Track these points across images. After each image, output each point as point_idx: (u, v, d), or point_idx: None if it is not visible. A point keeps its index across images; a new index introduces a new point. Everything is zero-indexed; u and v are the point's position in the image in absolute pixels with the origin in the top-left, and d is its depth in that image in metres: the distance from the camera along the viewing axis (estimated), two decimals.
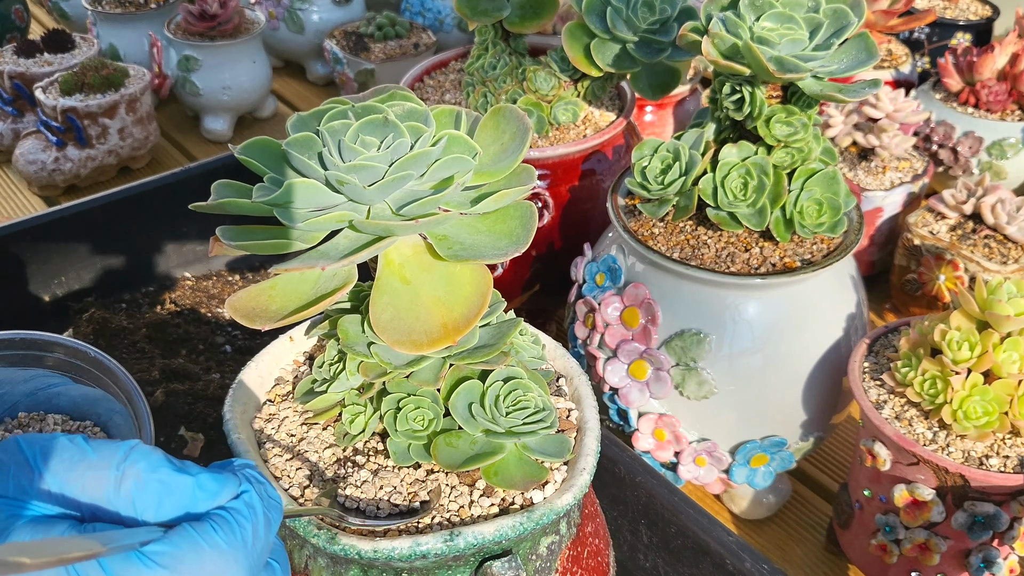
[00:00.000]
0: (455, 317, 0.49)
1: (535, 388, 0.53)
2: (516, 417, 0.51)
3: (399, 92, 0.51)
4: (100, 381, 0.68)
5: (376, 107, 0.49)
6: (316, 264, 0.46)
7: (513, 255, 0.48)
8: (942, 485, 0.67)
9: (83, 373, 0.68)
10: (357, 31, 1.53)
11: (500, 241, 0.49)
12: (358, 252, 0.47)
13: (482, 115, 0.53)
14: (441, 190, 0.47)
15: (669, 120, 1.28)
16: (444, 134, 0.48)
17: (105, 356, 0.67)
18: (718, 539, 0.66)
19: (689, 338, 0.74)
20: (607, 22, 0.84)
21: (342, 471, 0.53)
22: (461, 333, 0.48)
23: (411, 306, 0.49)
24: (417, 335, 0.48)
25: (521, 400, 0.52)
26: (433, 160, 0.47)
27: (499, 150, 0.52)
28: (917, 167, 1.11)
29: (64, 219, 1.01)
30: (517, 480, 0.51)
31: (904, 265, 1.05)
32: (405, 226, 0.46)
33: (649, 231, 0.77)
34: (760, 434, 0.78)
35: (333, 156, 0.47)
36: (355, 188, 0.46)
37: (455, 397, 0.52)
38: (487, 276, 0.50)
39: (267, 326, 0.49)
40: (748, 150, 0.74)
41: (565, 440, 0.53)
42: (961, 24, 1.45)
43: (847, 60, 0.71)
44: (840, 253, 0.74)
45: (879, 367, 0.74)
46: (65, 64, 1.38)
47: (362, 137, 0.47)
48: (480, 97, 0.95)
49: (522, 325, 0.56)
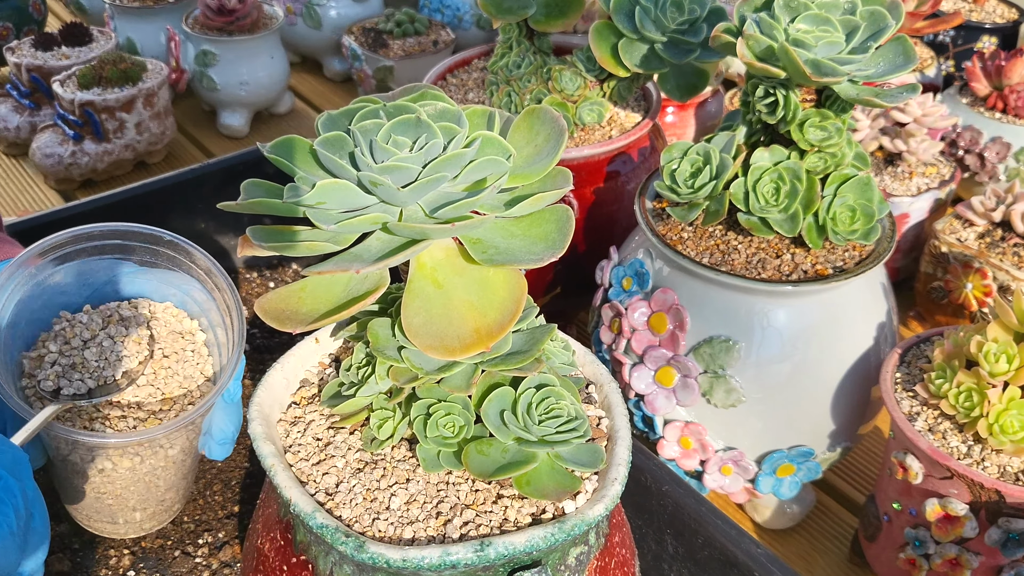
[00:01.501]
0: (488, 322, 0.47)
1: (567, 396, 0.52)
2: (549, 426, 0.50)
3: (430, 91, 0.50)
4: (179, 263, 0.70)
5: (408, 107, 0.47)
6: (351, 267, 0.45)
7: (549, 260, 0.47)
8: (976, 500, 0.66)
9: (160, 256, 0.69)
10: (376, 27, 1.52)
11: (536, 245, 0.48)
12: (392, 255, 0.46)
13: (513, 116, 0.51)
14: (475, 192, 0.46)
15: (691, 121, 1.27)
16: (478, 135, 0.47)
17: (180, 238, 0.68)
18: (746, 551, 0.65)
19: (718, 345, 0.73)
20: (635, 22, 0.83)
21: (368, 476, 0.52)
22: (495, 339, 0.47)
23: (444, 311, 0.48)
24: (450, 340, 0.47)
25: (554, 408, 0.51)
26: (468, 162, 0.46)
27: (533, 152, 0.50)
28: (944, 173, 1.10)
29: (82, 214, 1.00)
30: (550, 490, 0.50)
31: (930, 272, 1.04)
32: (441, 229, 0.45)
33: (678, 235, 0.76)
34: (787, 443, 0.76)
35: (365, 156, 0.46)
36: (388, 190, 0.45)
37: (487, 404, 0.50)
38: (522, 281, 0.48)
39: (298, 329, 0.48)
40: (780, 154, 0.73)
41: (598, 450, 0.52)
42: (987, 27, 1.43)
43: (884, 64, 0.69)
44: (873, 261, 0.73)
45: (911, 378, 0.72)
46: (83, 58, 1.37)
47: (394, 137, 0.46)
48: (504, 96, 0.94)
49: (554, 331, 0.55)
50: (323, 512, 0.49)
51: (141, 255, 0.69)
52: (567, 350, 0.57)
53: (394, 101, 0.49)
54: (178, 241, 0.68)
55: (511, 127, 0.51)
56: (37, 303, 0.66)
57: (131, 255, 0.69)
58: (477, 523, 0.49)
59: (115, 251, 0.68)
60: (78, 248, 0.67)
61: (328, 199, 0.46)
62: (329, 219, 0.46)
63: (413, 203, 0.46)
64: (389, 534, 0.49)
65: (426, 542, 0.48)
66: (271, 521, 0.56)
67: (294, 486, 0.51)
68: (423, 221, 0.46)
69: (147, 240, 0.68)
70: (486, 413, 0.50)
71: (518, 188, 0.49)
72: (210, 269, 0.68)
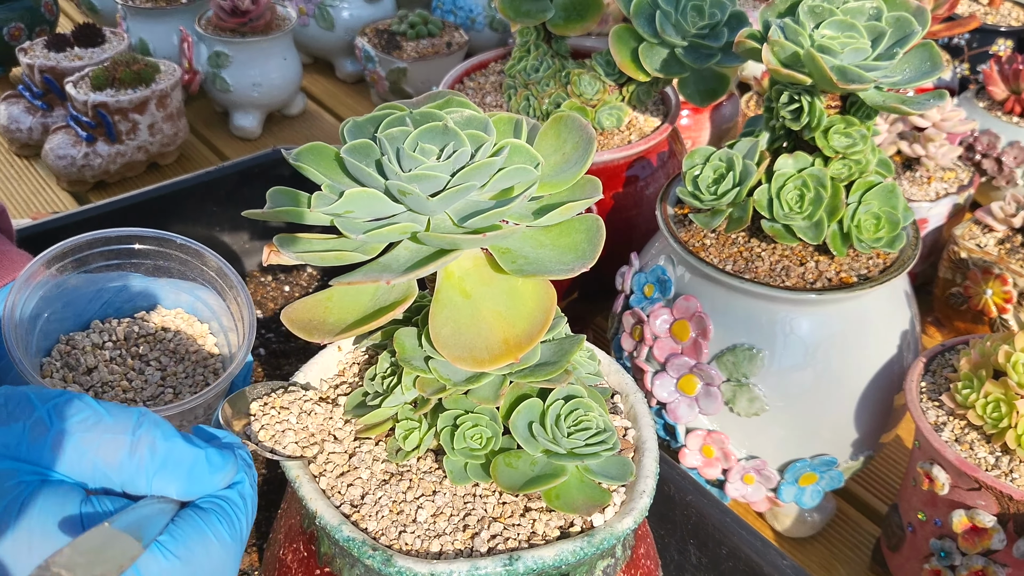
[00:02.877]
0: (517, 333, 0.47)
1: (596, 408, 0.51)
2: (578, 438, 0.50)
3: (455, 98, 0.50)
4: (190, 266, 0.70)
5: (435, 114, 0.47)
6: (380, 278, 0.45)
7: (580, 270, 0.46)
8: (1004, 512, 0.65)
9: (171, 260, 0.69)
10: (389, 29, 1.51)
11: (565, 256, 0.47)
12: (422, 266, 0.45)
13: (539, 123, 0.51)
14: (505, 202, 0.46)
15: (706, 124, 1.26)
16: (506, 143, 0.46)
17: (191, 241, 0.68)
18: (772, 563, 0.64)
19: (741, 353, 0.73)
20: (656, 26, 0.83)
21: (394, 488, 0.51)
22: (524, 350, 0.46)
23: (472, 321, 0.47)
24: (478, 351, 0.47)
25: (583, 420, 0.50)
26: (496, 170, 0.45)
27: (561, 160, 0.50)
28: (963, 178, 1.09)
29: (97, 217, 0.99)
30: (579, 504, 0.49)
31: (949, 278, 1.03)
32: (471, 239, 0.44)
33: (700, 242, 0.75)
34: (810, 452, 0.76)
35: (392, 164, 0.45)
36: (417, 199, 0.44)
37: (515, 416, 0.50)
38: (551, 291, 0.48)
39: (326, 340, 0.48)
40: (804, 161, 0.72)
41: (627, 462, 0.51)
42: (1003, 30, 1.42)
43: (910, 71, 0.68)
44: (897, 269, 0.72)
45: (937, 387, 0.72)
46: (95, 59, 1.37)
47: (421, 145, 0.45)
48: (522, 100, 0.93)
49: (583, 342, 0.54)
50: (349, 525, 0.49)
51: (154, 259, 0.69)
52: (593, 360, 0.56)
53: (419, 108, 0.48)
54: (189, 244, 0.68)
55: (538, 135, 0.50)
56: (57, 304, 0.65)
57: (142, 259, 0.69)
58: (505, 536, 0.49)
59: (126, 255, 0.68)
60: (89, 253, 0.66)
61: (356, 208, 0.46)
62: (357, 228, 0.45)
63: (441, 212, 0.46)
64: (416, 547, 0.48)
65: (453, 556, 0.48)
66: (294, 532, 0.55)
67: (319, 498, 0.50)
68: (452, 231, 0.46)
69: (158, 243, 0.68)
70: (514, 425, 0.50)
71: (545, 197, 0.49)
72: (221, 270, 0.68)
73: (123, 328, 0.67)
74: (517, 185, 0.46)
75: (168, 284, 0.69)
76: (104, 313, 0.68)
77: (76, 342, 0.66)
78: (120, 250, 0.68)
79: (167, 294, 0.69)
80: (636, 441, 0.55)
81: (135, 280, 0.69)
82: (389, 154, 0.45)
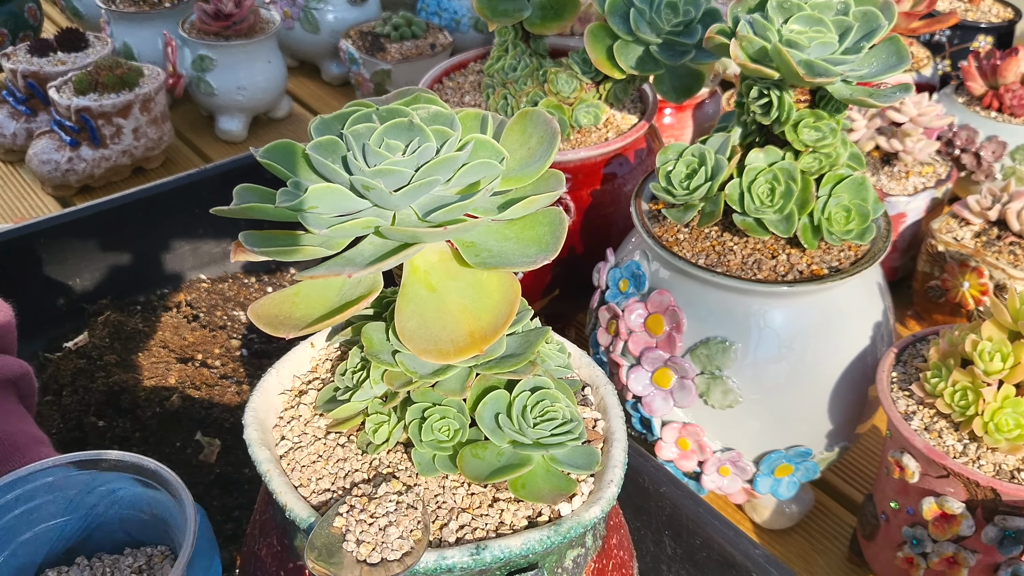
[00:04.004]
0: (482, 326, 0.48)
1: (562, 398, 0.52)
2: (544, 428, 0.50)
3: (423, 95, 0.50)
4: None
5: (401, 110, 0.48)
6: (343, 271, 0.45)
7: (543, 262, 0.47)
8: (972, 498, 0.66)
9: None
10: (373, 31, 1.52)
11: (529, 248, 0.48)
12: (385, 259, 0.46)
13: (507, 119, 0.52)
14: (468, 196, 0.46)
15: (688, 122, 1.27)
16: (471, 138, 0.47)
17: (162, 467, 0.63)
18: (744, 552, 0.65)
19: (714, 346, 0.73)
20: (630, 24, 0.83)
21: (364, 482, 0.52)
22: (488, 342, 0.47)
23: (437, 314, 0.48)
24: (444, 344, 0.47)
25: (549, 411, 0.51)
26: (460, 165, 0.46)
27: (526, 155, 0.51)
28: (941, 172, 1.10)
29: (79, 220, 1.00)
30: (545, 493, 0.50)
31: (927, 271, 1.04)
32: (433, 233, 0.45)
33: (674, 237, 0.76)
34: (785, 444, 0.77)
35: (358, 160, 0.46)
36: (381, 193, 0.45)
37: (481, 407, 0.50)
38: (515, 284, 0.49)
39: (291, 334, 0.48)
40: (775, 155, 0.73)
41: (593, 452, 0.52)
42: (983, 26, 1.43)
43: (877, 64, 0.69)
44: (868, 260, 0.73)
45: (907, 377, 0.72)
46: (79, 63, 1.37)
47: (387, 141, 0.46)
48: (500, 99, 0.94)
49: (549, 334, 0.55)
50: (318, 516, 0.49)
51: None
52: (562, 352, 0.57)
53: (387, 105, 0.49)
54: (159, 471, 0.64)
55: (504, 130, 0.51)
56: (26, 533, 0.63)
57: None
58: (473, 527, 0.49)
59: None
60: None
61: (321, 203, 0.46)
62: (322, 223, 0.46)
63: (406, 207, 0.47)
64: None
65: (435, 546, 0.48)
66: (268, 527, 0.56)
67: (289, 491, 0.51)
68: (416, 224, 0.47)
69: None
70: (481, 416, 0.50)
71: (511, 191, 0.49)
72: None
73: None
74: (482, 180, 0.47)
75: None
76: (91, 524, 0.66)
77: None
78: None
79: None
80: (605, 432, 0.55)
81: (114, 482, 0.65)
82: (355, 150, 0.46)
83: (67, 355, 0.93)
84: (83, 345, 0.94)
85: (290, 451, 0.54)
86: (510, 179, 0.49)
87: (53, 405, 0.86)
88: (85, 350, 0.92)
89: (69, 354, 0.93)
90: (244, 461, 0.82)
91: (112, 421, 0.85)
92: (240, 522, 0.78)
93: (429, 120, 0.47)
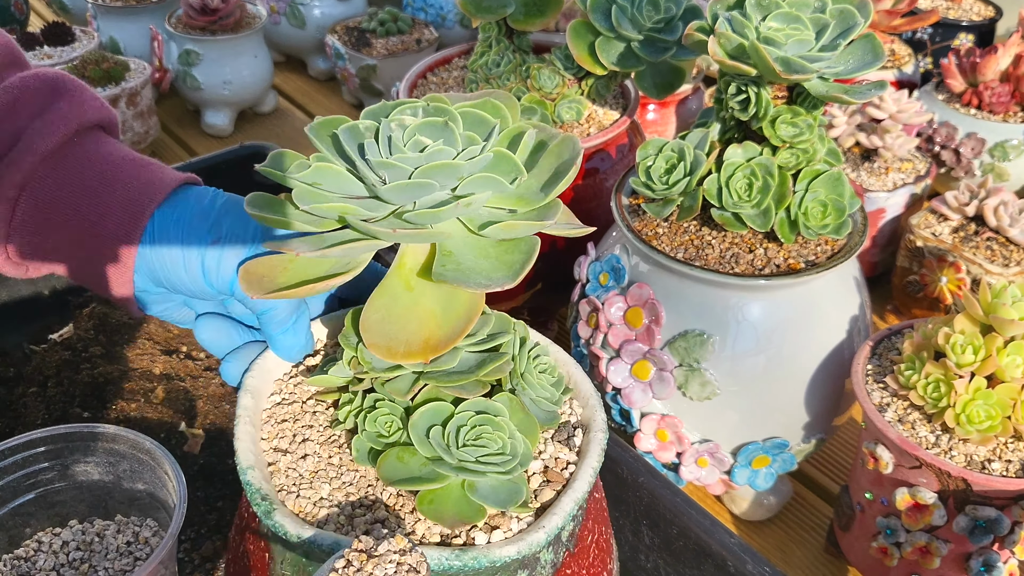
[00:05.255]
0: (439, 335, 0.47)
1: (508, 429, 0.50)
2: (470, 452, 0.48)
3: (491, 101, 0.49)
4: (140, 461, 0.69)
5: (445, 110, 0.47)
6: (296, 249, 0.46)
7: (497, 289, 0.46)
8: (944, 489, 0.67)
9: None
10: (359, 26, 1.52)
11: (497, 271, 0.47)
12: (337, 246, 0.46)
13: (553, 138, 0.50)
14: (443, 204, 0.45)
15: (672, 119, 1.28)
16: (496, 151, 0.46)
17: (157, 445, 0.67)
18: (720, 541, 0.66)
19: (693, 339, 0.74)
20: (612, 20, 0.84)
21: (321, 454, 0.52)
22: (437, 352, 0.47)
23: (404, 313, 0.48)
24: (396, 343, 0.47)
25: (485, 437, 0.49)
26: (464, 174, 0.45)
27: (550, 179, 0.49)
28: (920, 168, 1.11)
29: None
30: (447, 516, 0.48)
31: (906, 267, 1.05)
32: (387, 233, 0.45)
33: (653, 231, 0.77)
34: (762, 435, 0.78)
35: (377, 147, 0.46)
36: (375, 184, 0.45)
37: (418, 414, 0.50)
38: (481, 301, 0.48)
39: (258, 296, 0.48)
40: (753, 151, 0.74)
41: (518, 490, 0.49)
42: (964, 25, 1.44)
43: (853, 61, 0.70)
44: (844, 255, 0.74)
45: (882, 370, 0.74)
46: (65, 57, 1.37)
47: (418, 137, 0.46)
48: None
49: (545, 364, 0.54)
50: (256, 471, 0.49)
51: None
52: (557, 387, 0.54)
53: (462, 103, 0.48)
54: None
55: (545, 152, 0.49)
56: None
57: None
58: (384, 527, 0.49)
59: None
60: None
61: (323, 180, 0.46)
62: (306, 198, 0.46)
63: (401, 202, 0.46)
64: (306, 511, 0.49)
65: (332, 529, 0.48)
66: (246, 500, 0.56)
67: (247, 439, 0.51)
68: (388, 223, 0.47)
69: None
70: (414, 423, 0.49)
71: (519, 212, 0.48)
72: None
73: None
74: (480, 193, 0.46)
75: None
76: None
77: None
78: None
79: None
80: (571, 478, 0.52)
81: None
82: (381, 138, 0.46)
83: (52, 347, 0.93)
84: (68, 337, 0.95)
85: (275, 417, 0.54)
86: (520, 200, 0.48)
87: (38, 396, 0.87)
88: (70, 342, 0.93)
89: (54, 346, 0.93)
90: (228, 452, 0.83)
91: (97, 412, 0.85)
92: (224, 512, 0.78)
93: (470, 124, 0.47)
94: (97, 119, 0.58)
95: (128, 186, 0.56)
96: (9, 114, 0.55)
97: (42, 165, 0.55)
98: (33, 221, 0.55)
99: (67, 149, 0.56)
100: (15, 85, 0.56)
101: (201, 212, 0.56)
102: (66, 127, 0.56)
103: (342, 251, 0.47)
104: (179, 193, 0.58)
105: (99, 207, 0.56)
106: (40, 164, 0.55)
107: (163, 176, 0.58)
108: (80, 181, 0.56)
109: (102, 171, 0.56)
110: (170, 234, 0.56)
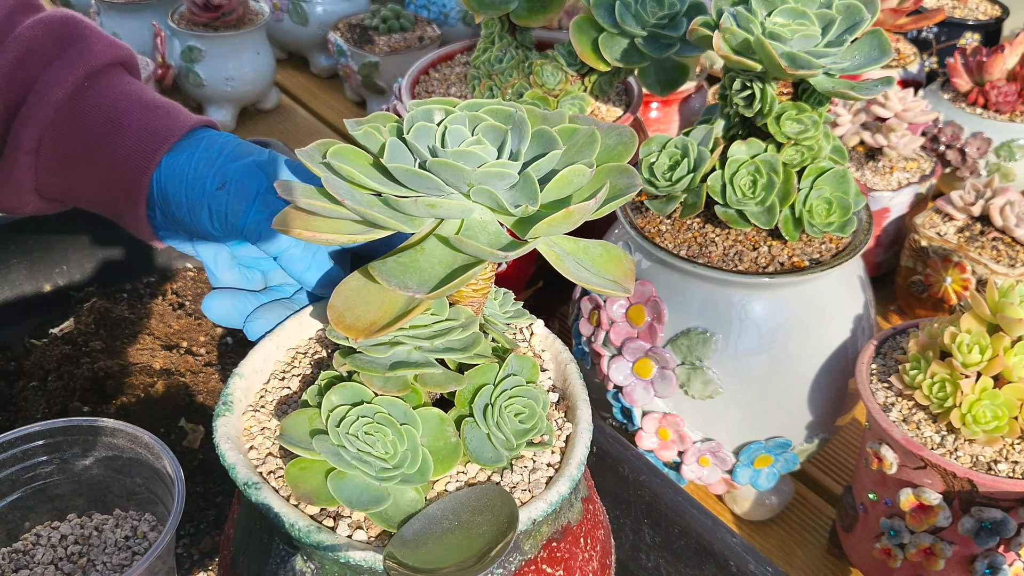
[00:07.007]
0: (369, 320, 0.45)
1: (409, 440, 0.46)
2: (352, 442, 0.46)
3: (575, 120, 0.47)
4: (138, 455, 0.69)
5: (535, 110, 0.46)
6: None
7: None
8: (949, 490, 0.67)
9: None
10: (362, 23, 1.52)
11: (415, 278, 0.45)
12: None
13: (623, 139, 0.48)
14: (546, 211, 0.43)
15: (675, 116, 1.27)
16: (567, 168, 0.43)
17: (156, 440, 0.66)
18: (722, 540, 0.66)
19: (695, 337, 0.74)
20: (615, 16, 0.84)
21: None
22: (364, 336, 0.44)
23: (379, 291, 0.46)
24: (357, 315, 0.45)
25: (375, 435, 0.46)
26: (548, 174, 0.43)
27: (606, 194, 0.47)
28: (925, 168, 1.11)
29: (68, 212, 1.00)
30: (302, 489, 0.46)
31: (910, 266, 1.05)
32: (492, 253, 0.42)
33: (656, 228, 0.76)
34: (765, 435, 0.77)
35: (435, 146, 0.44)
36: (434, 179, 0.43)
37: (337, 388, 0.47)
38: (411, 302, 0.45)
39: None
40: (757, 147, 0.73)
41: (381, 497, 0.46)
42: (970, 24, 1.44)
43: (859, 57, 0.70)
44: (849, 253, 0.73)
45: (887, 369, 0.73)
46: None
47: (478, 136, 0.44)
48: (486, 91, 0.94)
49: (523, 408, 0.49)
50: (229, 442, 0.48)
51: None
52: (517, 436, 0.48)
53: (547, 120, 0.46)
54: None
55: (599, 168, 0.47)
56: None
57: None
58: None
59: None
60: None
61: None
62: (342, 191, 0.44)
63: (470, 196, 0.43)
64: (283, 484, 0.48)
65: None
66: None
67: (224, 402, 0.50)
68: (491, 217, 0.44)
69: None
70: (327, 395, 0.47)
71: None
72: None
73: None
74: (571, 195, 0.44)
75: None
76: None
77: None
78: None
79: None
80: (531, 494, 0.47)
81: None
82: (436, 133, 0.44)
83: (53, 341, 0.93)
84: (69, 331, 0.94)
85: (267, 398, 0.54)
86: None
87: (38, 390, 0.86)
88: (71, 336, 0.92)
89: (55, 340, 0.93)
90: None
91: (97, 407, 0.85)
92: (222, 508, 0.78)
93: (537, 128, 0.45)
94: (106, 61, 0.60)
95: (136, 135, 0.59)
96: (21, 65, 0.58)
97: (56, 115, 0.58)
98: (55, 167, 0.59)
99: (78, 96, 0.59)
100: (25, 36, 0.59)
101: (208, 159, 0.58)
102: (74, 76, 0.58)
103: (384, 210, 0.44)
104: (192, 137, 0.59)
105: (107, 156, 0.59)
106: (55, 114, 0.58)
107: (171, 123, 0.59)
108: (88, 131, 0.59)
109: (110, 118, 0.59)
110: (176, 181, 0.58)
